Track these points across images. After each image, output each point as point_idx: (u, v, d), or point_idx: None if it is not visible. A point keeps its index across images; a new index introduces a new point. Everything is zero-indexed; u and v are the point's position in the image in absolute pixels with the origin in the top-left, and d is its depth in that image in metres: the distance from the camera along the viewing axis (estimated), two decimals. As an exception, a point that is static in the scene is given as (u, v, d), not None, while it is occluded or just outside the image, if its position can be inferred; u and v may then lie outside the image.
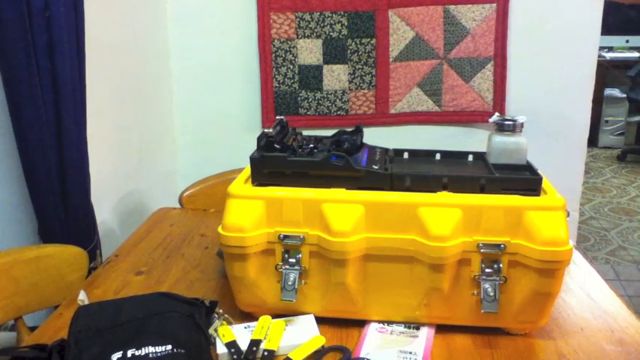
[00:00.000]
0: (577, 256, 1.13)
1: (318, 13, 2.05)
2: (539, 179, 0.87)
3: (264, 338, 0.84)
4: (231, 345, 0.83)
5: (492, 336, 0.88)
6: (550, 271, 0.82)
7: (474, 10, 2.03)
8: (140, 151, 1.91)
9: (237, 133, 2.19)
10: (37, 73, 1.18)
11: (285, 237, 0.87)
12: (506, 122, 0.95)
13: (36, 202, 1.28)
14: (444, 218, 0.83)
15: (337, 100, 2.13)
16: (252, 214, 0.86)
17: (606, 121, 5.00)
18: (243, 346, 0.83)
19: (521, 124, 0.95)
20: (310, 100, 2.13)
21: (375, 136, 1.22)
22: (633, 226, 3.37)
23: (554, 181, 0.90)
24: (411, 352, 0.83)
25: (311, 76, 2.11)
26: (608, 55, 4.67)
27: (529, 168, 0.93)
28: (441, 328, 0.90)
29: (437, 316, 0.89)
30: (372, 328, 0.90)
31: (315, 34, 2.07)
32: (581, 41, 2.07)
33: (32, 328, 1.06)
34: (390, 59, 2.09)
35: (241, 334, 0.86)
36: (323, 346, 0.84)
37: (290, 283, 0.87)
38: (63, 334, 0.82)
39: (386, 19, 2.05)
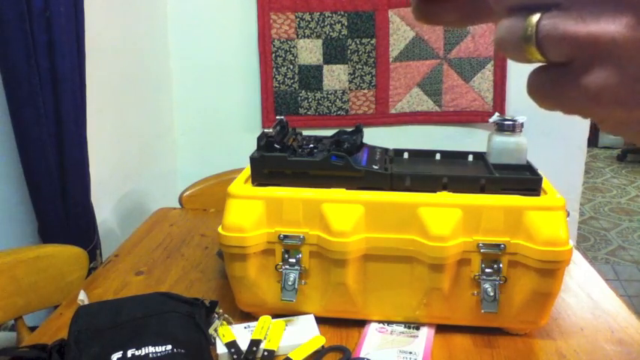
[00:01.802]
0: (577, 256, 1.13)
1: (318, 13, 2.05)
2: (539, 179, 0.87)
3: (264, 338, 0.84)
4: (231, 345, 0.83)
5: (492, 336, 0.88)
6: (550, 271, 0.82)
7: (474, 10, 2.03)
8: (140, 151, 1.91)
9: (237, 133, 2.19)
10: (37, 73, 1.18)
11: (285, 237, 0.87)
12: (506, 122, 0.95)
13: (36, 202, 1.28)
14: (444, 218, 0.83)
15: (337, 100, 2.13)
16: (252, 214, 0.86)
17: (606, 121, 4.98)
18: (243, 346, 0.83)
19: (521, 124, 0.95)
20: (310, 100, 2.13)
21: (375, 136, 1.22)
22: (633, 226, 3.37)
23: (554, 181, 0.90)
24: (411, 352, 0.83)
25: (311, 76, 2.11)
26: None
27: (529, 168, 0.93)
28: (441, 328, 0.90)
29: (437, 316, 0.89)
30: (372, 328, 0.90)
31: (315, 34, 2.07)
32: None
33: (32, 328, 1.06)
34: (390, 59, 2.09)
35: (241, 334, 0.86)
36: (323, 346, 0.84)
37: (290, 283, 0.87)
38: (63, 334, 0.82)
39: (386, 19, 2.05)
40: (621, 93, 0.22)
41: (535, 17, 0.22)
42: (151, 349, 0.74)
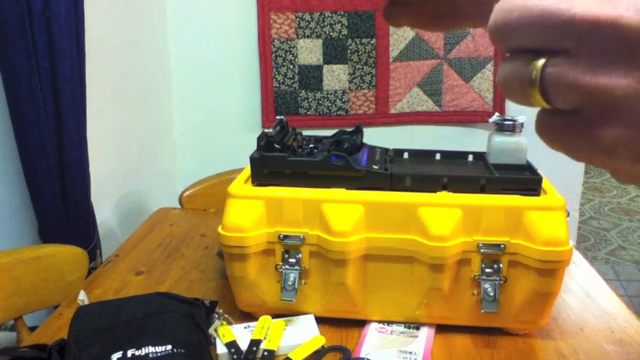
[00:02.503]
0: (577, 256, 1.13)
1: (318, 13, 2.05)
2: (539, 179, 0.87)
3: (264, 338, 0.84)
4: (231, 345, 0.83)
5: (492, 336, 0.88)
6: (550, 271, 0.82)
7: (474, 10, 2.03)
8: (140, 151, 1.91)
9: (237, 133, 2.19)
10: (37, 73, 1.18)
11: (285, 237, 0.87)
12: (506, 122, 0.95)
13: (36, 202, 1.28)
14: (444, 218, 0.83)
15: (337, 100, 2.13)
16: (252, 214, 0.86)
17: (606, 121, 5.00)
18: (243, 346, 0.83)
19: (521, 124, 0.95)
20: (310, 100, 2.13)
21: (375, 136, 1.22)
22: (633, 226, 3.37)
23: (554, 181, 0.90)
24: (411, 352, 0.83)
25: (311, 76, 2.11)
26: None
27: (529, 168, 0.93)
28: (441, 328, 0.90)
29: (437, 316, 0.89)
30: (372, 328, 0.90)
31: (315, 34, 2.07)
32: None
33: (32, 328, 1.06)
34: (390, 59, 2.09)
35: (241, 334, 0.86)
36: (323, 346, 0.84)
37: (290, 283, 0.87)
38: (63, 334, 0.82)
39: (386, 19, 2.05)
40: (636, 147, 0.21)
41: (540, 62, 0.22)
42: (151, 349, 0.74)
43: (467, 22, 0.38)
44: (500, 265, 0.84)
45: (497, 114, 1.00)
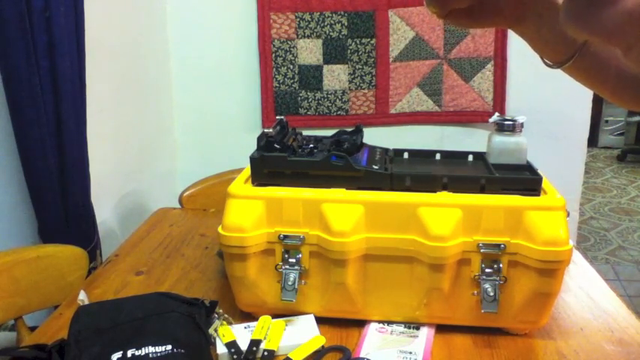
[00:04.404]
0: (577, 256, 1.13)
1: (318, 13, 2.05)
2: (539, 179, 0.87)
3: (264, 338, 0.84)
4: (231, 345, 0.83)
5: (492, 336, 0.88)
6: (550, 271, 0.82)
7: (474, 10, 2.03)
8: (140, 151, 1.91)
9: (237, 133, 2.19)
10: (37, 73, 1.18)
11: (285, 237, 0.87)
12: (506, 122, 0.95)
13: (36, 202, 1.28)
14: (444, 218, 0.83)
15: (337, 100, 2.13)
16: (252, 214, 0.86)
17: (606, 121, 5.00)
18: (243, 346, 0.83)
19: (521, 124, 0.95)
20: (310, 100, 2.13)
21: (375, 136, 1.22)
22: (633, 226, 3.37)
23: (554, 181, 0.90)
24: (411, 352, 0.83)
25: (311, 76, 2.11)
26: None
27: (529, 168, 0.93)
28: (441, 328, 0.90)
29: (437, 316, 0.89)
30: (372, 328, 0.90)
31: (315, 34, 2.07)
32: (581, 41, 2.07)
33: (32, 328, 1.06)
34: (390, 59, 2.09)
35: (241, 334, 0.86)
36: (323, 346, 0.84)
37: (290, 283, 0.87)
38: (63, 334, 0.82)
39: (386, 19, 2.05)
40: None
41: None
42: (151, 349, 0.74)
43: (501, 21, 0.37)
44: (500, 265, 0.84)
45: (497, 114, 1.00)
